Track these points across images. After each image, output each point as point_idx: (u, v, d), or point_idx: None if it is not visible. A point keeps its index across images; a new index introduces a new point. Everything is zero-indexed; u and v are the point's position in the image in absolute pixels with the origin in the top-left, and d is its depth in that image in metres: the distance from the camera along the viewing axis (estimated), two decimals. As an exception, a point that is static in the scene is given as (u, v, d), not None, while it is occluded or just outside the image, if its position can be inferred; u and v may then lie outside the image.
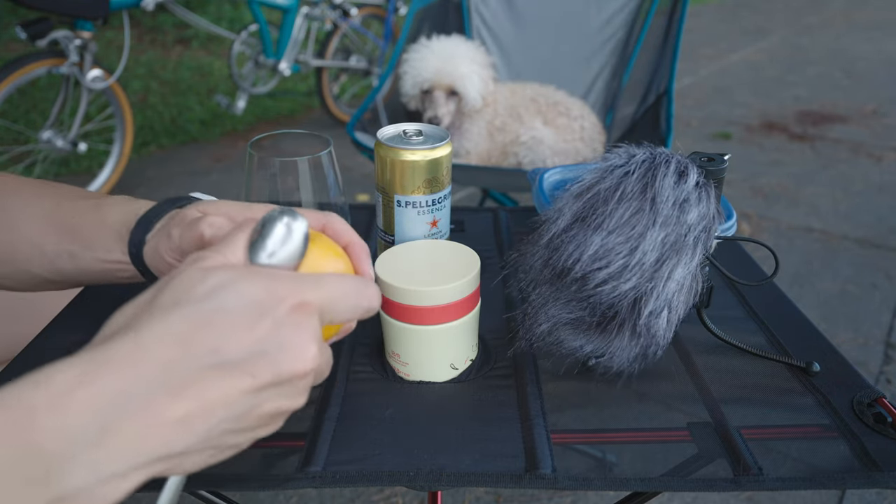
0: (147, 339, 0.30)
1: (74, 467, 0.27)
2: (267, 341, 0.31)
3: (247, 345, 0.31)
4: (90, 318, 0.57)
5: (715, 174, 0.48)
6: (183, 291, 0.31)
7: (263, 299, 0.32)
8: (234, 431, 0.32)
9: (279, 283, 0.33)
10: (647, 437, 0.45)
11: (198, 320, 0.30)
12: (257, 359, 0.31)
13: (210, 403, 0.30)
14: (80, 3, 2.04)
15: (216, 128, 3.19)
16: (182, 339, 0.30)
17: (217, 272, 0.32)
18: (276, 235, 0.35)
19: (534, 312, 0.50)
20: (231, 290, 0.32)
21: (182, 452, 0.30)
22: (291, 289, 0.33)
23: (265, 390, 0.32)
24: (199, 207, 0.43)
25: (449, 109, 1.45)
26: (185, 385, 0.29)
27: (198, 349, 0.30)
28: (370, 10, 3.27)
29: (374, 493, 1.24)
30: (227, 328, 0.31)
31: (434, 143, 0.56)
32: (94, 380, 0.28)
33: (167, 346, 0.30)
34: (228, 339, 0.30)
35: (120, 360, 0.29)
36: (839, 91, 3.84)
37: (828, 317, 1.77)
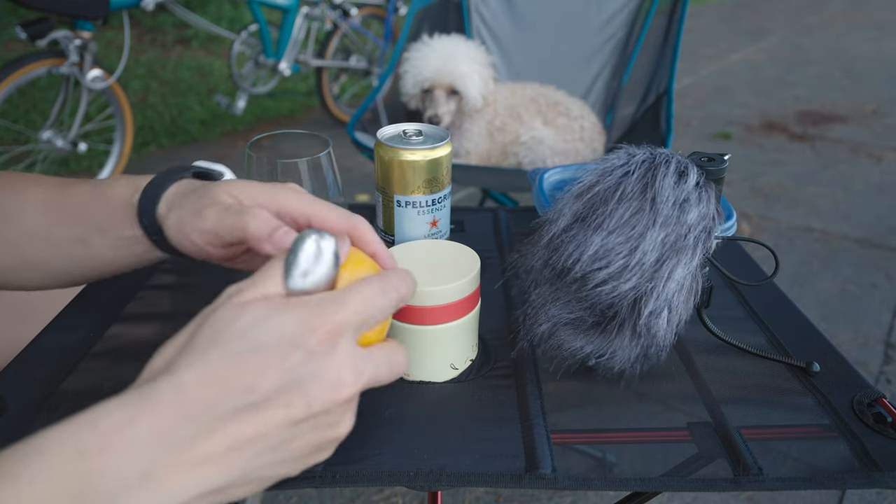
0: (187, 381, 0.31)
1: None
2: (298, 372, 0.32)
3: (279, 377, 0.31)
4: (90, 318, 0.57)
5: (715, 174, 0.48)
6: (219, 331, 0.32)
7: (294, 332, 0.32)
8: (274, 464, 0.33)
9: (309, 312, 0.33)
10: (647, 437, 0.45)
11: (234, 361, 0.31)
12: (290, 389, 0.32)
13: (246, 439, 0.31)
14: (80, 3, 2.04)
15: (216, 128, 3.19)
16: (219, 380, 0.31)
17: (251, 309, 0.33)
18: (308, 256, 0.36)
19: (534, 312, 0.50)
20: (265, 326, 0.32)
21: (225, 486, 0.31)
22: (320, 316, 0.33)
23: (302, 422, 0.32)
24: (229, 191, 0.42)
25: (449, 109, 1.45)
26: (223, 424, 0.30)
27: (234, 389, 0.31)
28: (370, 10, 3.27)
29: (374, 493, 1.24)
30: (262, 366, 0.31)
31: (434, 143, 0.56)
32: (140, 422, 0.29)
33: (205, 388, 0.30)
34: (262, 376, 0.31)
35: (163, 402, 0.30)
36: (839, 91, 3.84)
37: (828, 317, 1.77)
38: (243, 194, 0.42)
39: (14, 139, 2.70)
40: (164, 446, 0.29)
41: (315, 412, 0.33)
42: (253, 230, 0.39)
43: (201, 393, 0.30)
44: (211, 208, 0.41)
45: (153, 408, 0.30)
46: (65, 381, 0.50)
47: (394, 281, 0.37)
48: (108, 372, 0.51)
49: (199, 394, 0.30)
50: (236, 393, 0.31)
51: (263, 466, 0.33)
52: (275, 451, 0.32)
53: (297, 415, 0.32)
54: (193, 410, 0.30)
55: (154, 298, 0.60)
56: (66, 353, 0.53)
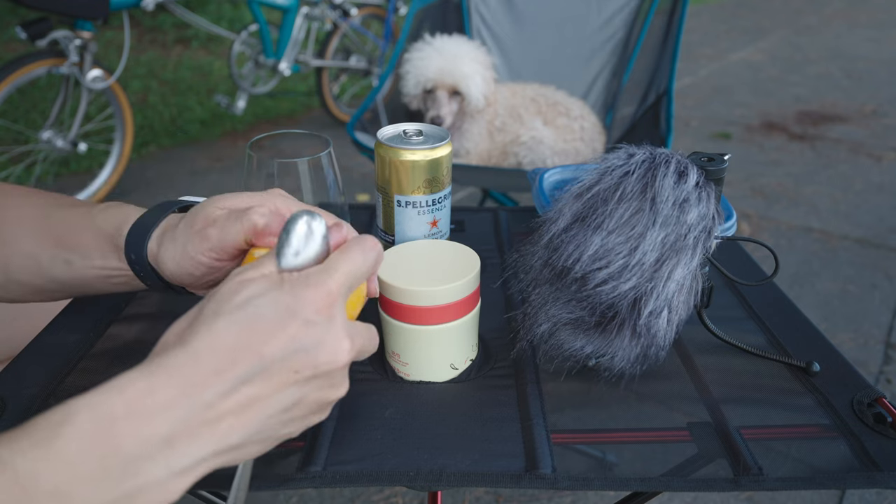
0: (199, 349, 0.33)
1: (150, 466, 0.31)
2: (303, 339, 0.34)
3: (283, 344, 0.34)
4: (89, 318, 0.57)
5: (715, 174, 0.48)
6: (222, 303, 0.35)
7: (291, 303, 0.35)
8: (285, 422, 0.35)
9: (303, 284, 0.36)
10: (647, 437, 0.45)
11: (239, 328, 0.33)
12: (297, 356, 0.34)
13: (260, 400, 0.34)
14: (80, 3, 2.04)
15: (216, 128, 3.19)
16: (228, 346, 0.33)
17: (251, 284, 0.35)
18: (299, 236, 0.38)
19: (534, 312, 0.50)
20: (263, 299, 0.35)
21: (240, 445, 0.34)
22: (315, 287, 0.36)
23: (308, 383, 0.35)
24: (219, 205, 0.44)
25: (451, 109, 1.45)
26: (237, 387, 0.33)
27: (243, 354, 0.33)
28: (370, 10, 3.27)
29: (374, 493, 1.24)
30: (266, 332, 0.34)
31: (434, 143, 0.56)
32: (159, 389, 0.31)
33: (217, 355, 0.33)
34: (268, 342, 0.33)
35: (179, 370, 0.32)
36: (839, 91, 3.84)
37: (828, 317, 1.77)
38: (233, 203, 0.44)
39: (14, 139, 2.70)
40: (183, 411, 0.31)
41: (320, 375, 0.35)
42: (262, 226, 0.41)
43: (213, 359, 0.32)
44: (211, 227, 0.43)
45: (170, 375, 0.32)
46: (65, 381, 0.50)
47: (368, 241, 0.40)
48: (108, 372, 0.51)
49: (211, 361, 0.32)
50: (246, 358, 0.33)
51: (276, 425, 0.35)
52: (286, 411, 0.35)
53: (303, 378, 0.35)
54: (208, 376, 0.32)
55: (154, 298, 0.60)
56: (66, 353, 0.53)
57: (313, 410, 0.37)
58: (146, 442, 0.31)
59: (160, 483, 0.31)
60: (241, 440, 0.34)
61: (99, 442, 0.30)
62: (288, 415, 0.35)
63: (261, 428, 0.34)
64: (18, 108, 3.07)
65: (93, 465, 0.30)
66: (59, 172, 2.58)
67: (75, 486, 0.29)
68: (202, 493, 0.48)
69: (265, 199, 0.44)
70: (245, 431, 0.34)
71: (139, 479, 0.30)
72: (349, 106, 3.35)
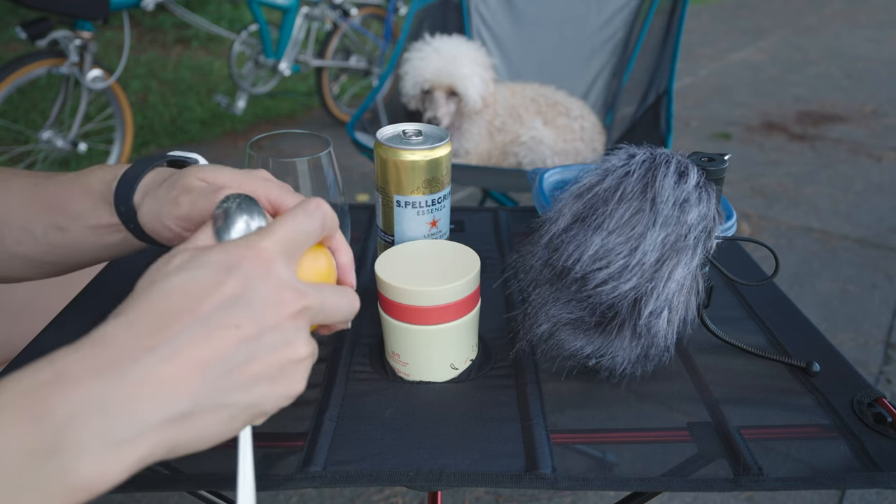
0: (132, 317, 0.32)
1: (84, 435, 0.29)
2: (240, 293, 0.33)
3: (221, 300, 0.33)
4: (90, 317, 0.57)
5: (715, 174, 0.48)
6: (155, 271, 0.34)
7: (223, 259, 0.34)
8: (241, 386, 0.33)
9: (236, 245, 0.35)
10: (647, 437, 0.45)
11: (170, 290, 0.33)
12: (235, 310, 0.33)
13: (202, 359, 0.32)
14: (80, 3, 2.04)
15: (216, 128, 3.19)
16: (161, 310, 0.32)
17: (183, 251, 0.35)
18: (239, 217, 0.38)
19: (534, 313, 0.50)
20: (195, 261, 0.34)
21: (190, 412, 0.31)
22: (246, 247, 0.35)
23: (256, 340, 0.33)
24: (199, 175, 0.44)
25: (449, 110, 1.45)
26: (175, 349, 0.31)
27: (176, 314, 0.32)
28: (370, 10, 3.27)
29: (374, 493, 1.24)
30: (199, 290, 0.33)
31: (434, 143, 0.56)
32: (90, 357, 0.30)
33: (150, 320, 0.32)
34: (202, 300, 0.32)
35: (111, 339, 0.31)
36: (839, 91, 3.84)
37: (828, 317, 1.77)
38: (213, 178, 0.44)
39: (14, 139, 2.70)
40: (117, 376, 0.30)
41: (265, 328, 0.33)
42: None
43: (146, 326, 0.31)
44: (185, 195, 0.43)
45: (104, 345, 0.31)
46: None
47: (314, 201, 0.39)
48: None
49: (144, 326, 0.31)
50: (181, 318, 0.32)
51: (229, 389, 0.33)
52: (234, 372, 0.33)
53: (248, 333, 0.33)
54: (141, 342, 0.31)
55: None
56: (66, 353, 0.53)
57: (276, 374, 0.34)
58: (77, 407, 0.29)
59: (97, 455, 0.29)
60: (191, 406, 0.31)
61: (28, 411, 0.28)
62: (241, 375, 0.33)
63: (212, 391, 0.32)
64: (18, 108, 3.07)
65: (24, 435, 0.28)
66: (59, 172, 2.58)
67: (6, 457, 0.28)
68: (202, 493, 0.48)
69: (244, 180, 0.43)
70: (193, 396, 0.31)
71: (73, 448, 0.28)
72: (349, 106, 3.35)
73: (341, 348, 0.55)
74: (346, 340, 0.56)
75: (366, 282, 0.64)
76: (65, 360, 0.30)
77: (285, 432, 0.45)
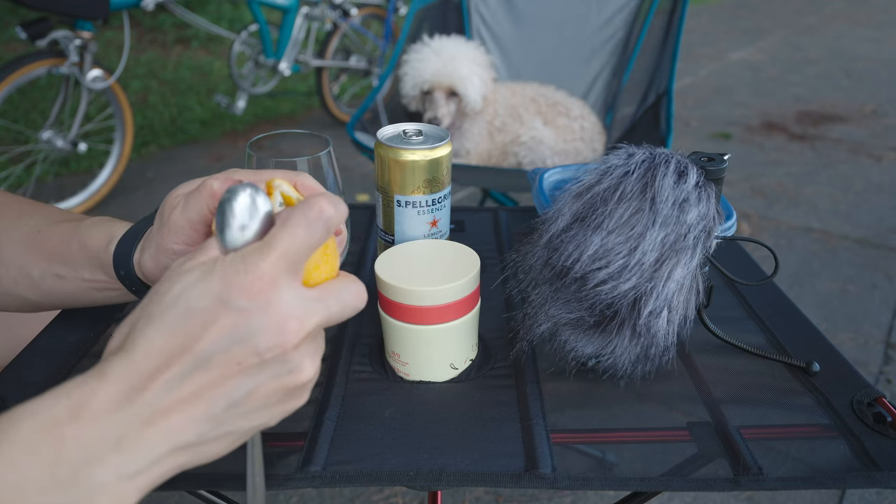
0: (136, 356, 0.32)
1: (100, 470, 0.30)
2: (237, 329, 0.32)
3: (218, 337, 0.32)
4: (89, 318, 0.57)
5: (715, 174, 0.48)
6: (156, 303, 0.33)
7: (221, 292, 0.32)
8: (245, 414, 0.34)
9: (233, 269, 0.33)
10: (647, 436, 0.45)
11: (171, 329, 0.32)
12: (235, 347, 0.32)
13: (205, 396, 0.32)
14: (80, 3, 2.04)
15: (216, 128, 3.19)
16: (161, 349, 0.32)
17: (184, 276, 0.34)
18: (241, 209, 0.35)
19: (534, 312, 0.50)
20: (193, 291, 0.33)
21: (198, 442, 0.33)
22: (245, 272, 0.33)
23: (259, 372, 0.33)
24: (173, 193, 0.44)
25: (449, 110, 1.45)
26: (177, 386, 0.32)
27: (176, 355, 0.32)
28: (370, 10, 3.27)
29: (374, 493, 1.24)
30: (197, 327, 0.32)
31: (434, 142, 0.56)
32: (101, 394, 0.31)
33: (153, 359, 0.32)
34: (201, 337, 0.32)
35: (119, 378, 0.32)
36: (839, 91, 3.84)
37: (828, 317, 1.77)
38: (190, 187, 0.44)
39: (14, 139, 2.70)
40: (126, 413, 0.31)
41: (268, 361, 0.33)
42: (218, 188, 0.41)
43: (150, 365, 0.32)
44: (175, 211, 0.43)
45: (111, 381, 0.31)
46: (64, 381, 0.50)
47: (315, 207, 0.35)
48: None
49: (148, 366, 0.32)
50: (180, 358, 0.32)
51: (233, 419, 0.33)
52: (239, 405, 0.33)
53: (250, 368, 0.33)
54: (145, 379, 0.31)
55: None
56: (65, 353, 0.53)
57: (280, 398, 0.34)
58: (94, 445, 0.30)
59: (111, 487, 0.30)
60: (197, 437, 0.32)
61: (44, 448, 0.29)
62: (245, 407, 0.33)
63: (216, 423, 0.33)
64: (18, 108, 3.07)
65: (40, 472, 0.29)
66: (59, 172, 2.58)
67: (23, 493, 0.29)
68: (202, 493, 0.48)
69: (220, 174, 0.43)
70: (197, 428, 0.32)
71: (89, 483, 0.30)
72: (349, 106, 3.35)
73: (341, 348, 0.55)
74: (346, 340, 0.56)
75: (366, 282, 0.64)
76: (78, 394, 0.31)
77: (285, 432, 0.45)
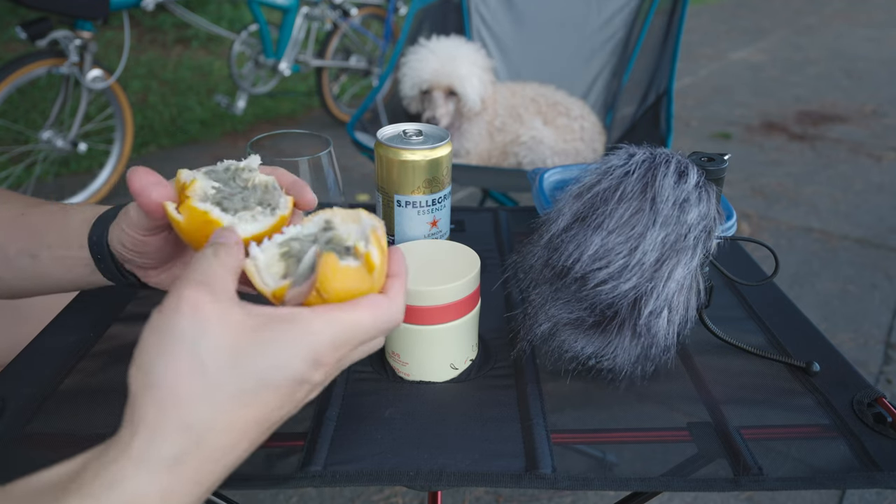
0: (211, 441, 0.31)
1: None
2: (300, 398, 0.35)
3: (287, 409, 0.34)
4: (89, 318, 0.57)
5: (715, 174, 0.48)
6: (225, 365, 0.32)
7: (304, 371, 0.33)
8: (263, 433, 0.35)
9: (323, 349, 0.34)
10: (647, 437, 0.45)
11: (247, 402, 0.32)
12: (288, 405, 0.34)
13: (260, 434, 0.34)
14: (80, 3, 2.04)
15: (216, 128, 3.19)
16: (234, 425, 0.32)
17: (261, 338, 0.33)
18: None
19: (534, 312, 0.50)
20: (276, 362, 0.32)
21: None
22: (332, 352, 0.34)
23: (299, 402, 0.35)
24: None
25: (448, 110, 1.45)
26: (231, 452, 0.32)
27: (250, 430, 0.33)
28: (370, 10, 3.26)
29: (374, 492, 1.24)
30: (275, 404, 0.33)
31: (434, 143, 0.56)
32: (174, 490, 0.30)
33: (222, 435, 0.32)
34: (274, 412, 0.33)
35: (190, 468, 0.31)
36: (839, 91, 3.84)
37: (828, 317, 1.77)
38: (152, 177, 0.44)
39: (14, 139, 2.69)
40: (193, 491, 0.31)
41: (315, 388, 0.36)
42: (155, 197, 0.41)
43: (225, 441, 0.31)
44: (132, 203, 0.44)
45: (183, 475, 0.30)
46: (64, 381, 0.50)
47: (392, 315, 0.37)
48: (108, 372, 0.51)
49: (221, 443, 0.31)
50: (252, 431, 0.33)
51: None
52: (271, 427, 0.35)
53: (299, 401, 0.35)
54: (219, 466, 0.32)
55: (154, 298, 0.60)
56: (65, 353, 0.53)
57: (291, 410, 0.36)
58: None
59: None
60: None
61: None
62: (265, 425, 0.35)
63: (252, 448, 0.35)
64: (18, 108, 3.07)
65: None
66: (59, 172, 2.58)
67: None
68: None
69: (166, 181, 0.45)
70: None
71: None
72: (349, 106, 3.35)
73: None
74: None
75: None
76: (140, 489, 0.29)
77: (285, 432, 0.45)
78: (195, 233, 0.41)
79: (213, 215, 0.40)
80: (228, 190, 0.43)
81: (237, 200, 0.43)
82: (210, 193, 0.42)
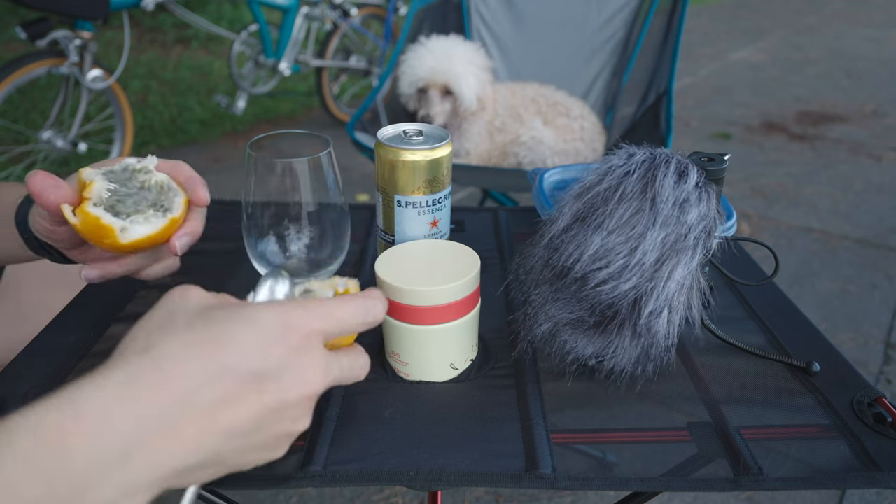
0: (166, 365, 0.31)
1: (102, 485, 0.29)
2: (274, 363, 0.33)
3: (256, 365, 0.33)
4: (89, 318, 0.57)
5: (715, 174, 0.48)
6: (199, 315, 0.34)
7: (276, 329, 0.34)
8: (242, 450, 0.34)
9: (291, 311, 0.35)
10: (647, 437, 0.45)
11: (215, 339, 0.32)
12: (265, 377, 0.33)
13: (222, 424, 0.32)
14: (80, 3, 2.04)
15: (216, 128, 3.19)
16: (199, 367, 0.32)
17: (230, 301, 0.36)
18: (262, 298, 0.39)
19: (534, 312, 0.50)
20: (247, 316, 0.34)
21: (195, 467, 0.32)
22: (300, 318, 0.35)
23: (272, 412, 0.34)
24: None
25: (443, 109, 1.45)
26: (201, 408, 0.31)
27: (212, 365, 0.32)
28: (370, 10, 3.26)
29: (374, 492, 1.24)
30: (240, 350, 0.32)
31: (434, 143, 0.56)
32: (120, 407, 0.30)
33: (184, 363, 0.31)
34: (242, 359, 0.32)
35: (142, 387, 0.31)
36: (839, 91, 3.84)
37: (828, 317, 1.77)
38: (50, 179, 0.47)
39: (14, 139, 2.69)
40: (141, 430, 0.30)
41: (285, 403, 0.34)
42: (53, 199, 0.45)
43: (180, 369, 0.31)
44: None
45: (131, 392, 0.30)
46: (64, 381, 0.50)
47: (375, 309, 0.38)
48: (108, 372, 0.51)
49: (177, 370, 0.31)
50: (214, 370, 0.32)
51: (232, 452, 0.33)
52: (246, 437, 0.33)
53: (269, 404, 0.33)
54: (171, 397, 0.31)
55: (154, 298, 0.60)
56: (65, 353, 0.53)
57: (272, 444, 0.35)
58: (100, 459, 0.28)
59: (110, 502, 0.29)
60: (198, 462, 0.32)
61: (44, 460, 0.28)
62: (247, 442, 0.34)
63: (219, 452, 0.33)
64: (18, 108, 3.07)
65: (38, 488, 0.27)
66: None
67: None
68: (202, 493, 0.48)
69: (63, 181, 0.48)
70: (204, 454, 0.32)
71: (92, 498, 0.28)
72: (349, 106, 3.35)
73: (341, 348, 0.55)
74: (346, 340, 0.56)
75: (366, 282, 0.64)
76: (89, 406, 0.29)
77: (285, 432, 0.45)
78: (90, 234, 0.45)
79: (105, 220, 0.45)
80: (125, 190, 0.46)
81: (130, 204, 0.47)
82: (104, 197, 0.46)
